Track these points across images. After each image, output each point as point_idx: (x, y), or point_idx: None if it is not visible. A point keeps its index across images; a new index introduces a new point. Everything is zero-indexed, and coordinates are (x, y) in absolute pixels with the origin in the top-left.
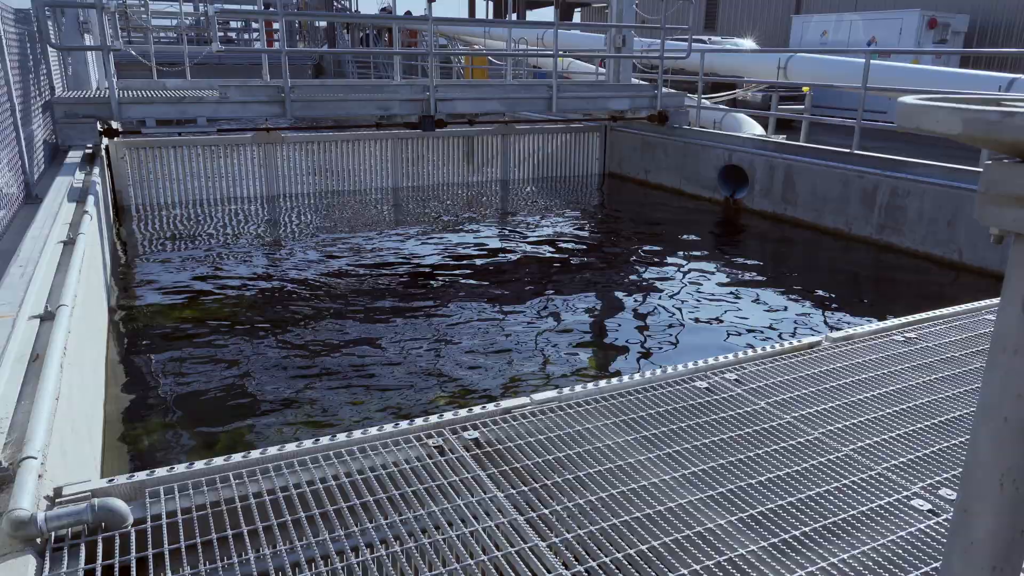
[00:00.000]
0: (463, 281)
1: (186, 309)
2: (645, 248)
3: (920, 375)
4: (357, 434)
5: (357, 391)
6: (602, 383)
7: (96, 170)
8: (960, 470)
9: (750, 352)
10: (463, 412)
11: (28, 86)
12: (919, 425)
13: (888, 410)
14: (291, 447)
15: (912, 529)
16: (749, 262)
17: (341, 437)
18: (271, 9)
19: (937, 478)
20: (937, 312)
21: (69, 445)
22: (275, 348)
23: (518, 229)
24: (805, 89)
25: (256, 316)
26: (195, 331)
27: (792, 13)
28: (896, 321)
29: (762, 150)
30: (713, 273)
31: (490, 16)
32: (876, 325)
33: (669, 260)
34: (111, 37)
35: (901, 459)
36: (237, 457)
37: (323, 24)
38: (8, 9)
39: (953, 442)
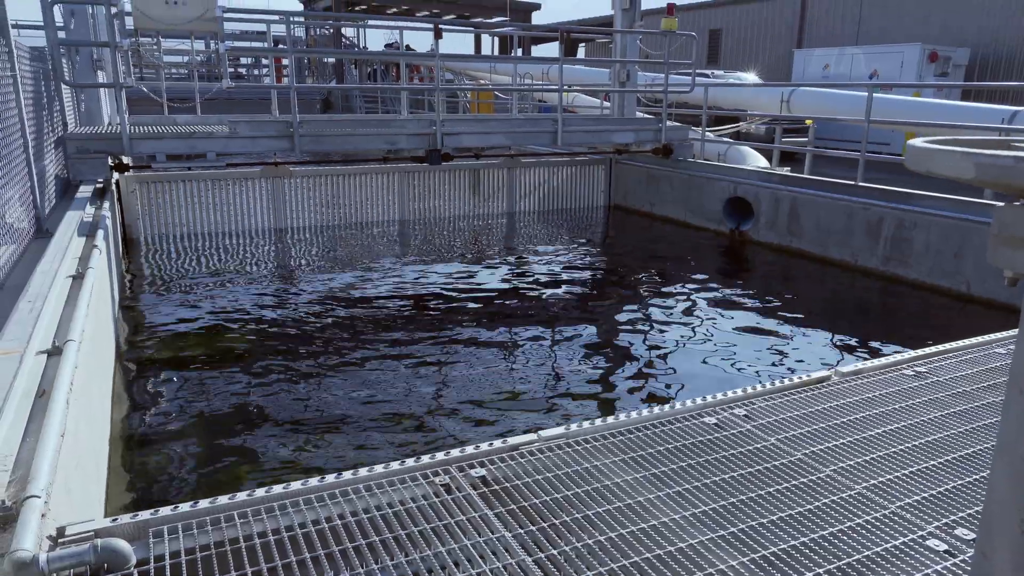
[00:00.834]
0: (469, 315)
1: (193, 342)
2: (651, 281)
3: (932, 410)
4: (363, 472)
5: (363, 427)
6: (610, 419)
7: (106, 204)
8: (977, 509)
9: (759, 387)
10: (470, 449)
11: (42, 122)
12: (932, 462)
13: (900, 446)
14: (296, 485)
15: (928, 571)
16: (755, 294)
17: (347, 475)
18: (281, 46)
19: (953, 517)
20: (947, 346)
21: (74, 482)
22: (282, 382)
23: (524, 262)
24: (808, 122)
25: (263, 350)
26: (202, 365)
27: (793, 47)
28: (906, 355)
29: (767, 182)
30: (720, 305)
31: (496, 52)
32: (886, 359)
33: (675, 292)
34: (124, 74)
35: (915, 497)
36: (242, 495)
37: (331, 60)
38: (24, 48)
39: (968, 479)
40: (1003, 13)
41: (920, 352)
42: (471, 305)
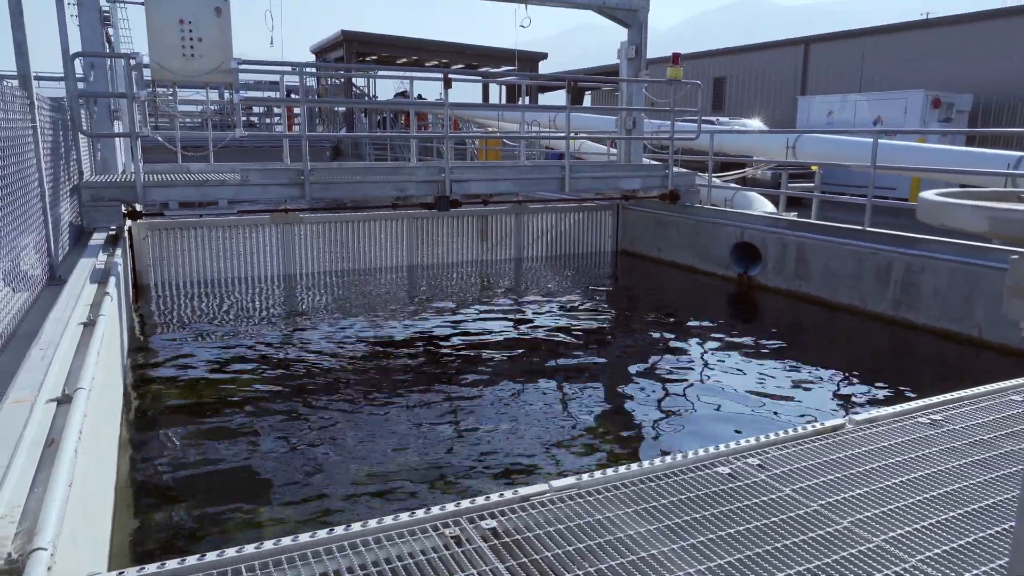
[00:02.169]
0: (478, 362)
1: (200, 389)
2: (660, 326)
3: (949, 459)
4: (372, 523)
5: (372, 475)
6: (622, 469)
7: (118, 251)
8: (1000, 563)
9: (772, 436)
10: (480, 500)
11: (58, 171)
12: (951, 513)
13: (918, 497)
14: (305, 537)
15: None
16: (765, 340)
17: (356, 527)
18: (294, 96)
19: (975, 571)
20: (962, 393)
21: (80, 532)
22: (289, 430)
23: (532, 308)
24: (814, 168)
25: (270, 398)
26: (208, 412)
27: (797, 94)
28: (920, 402)
29: (774, 227)
30: (730, 351)
31: (503, 100)
32: (900, 407)
33: (685, 338)
34: (140, 124)
35: (935, 551)
36: (250, 548)
37: (342, 108)
38: (44, 100)
39: (989, 532)
40: (1005, 59)
41: (935, 399)
42: (480, 352)
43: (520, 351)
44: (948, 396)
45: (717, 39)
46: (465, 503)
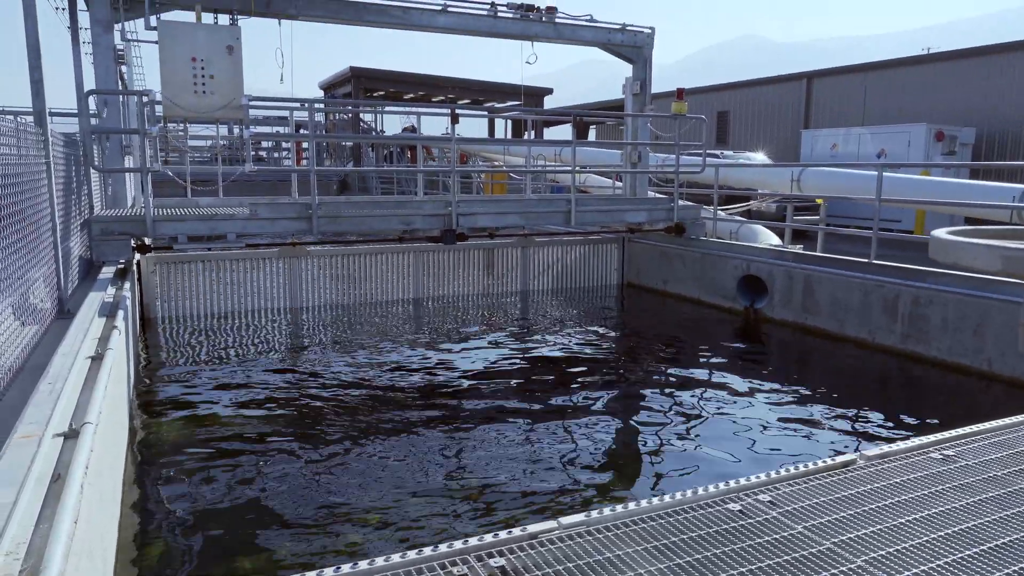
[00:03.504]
0: (484, 396)
1: (205, 424)
2: (667, 360)
3: (963, 496)
4: (380, 561)
5: (377, 512)
6: (631, 505)
7: (127, 285)
8: None
9: (782, 471)
10: (488, 537)
11: (70, 205)
12: (967, 552)
13: (933, 535)
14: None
15: None
16: (773, 373)
17: (363, 565)
18: (303, 131)
19: None
20: (975, 427)
21: (84, 569)
22: (293, 466)
23: (538, 341)
24: (819, 201)
25: (275, 433)
26: (213, 447)
27: (800, 127)
28: (933, 437)
29: (780, 260)
30: (738, 385)
31: (509, 134)
32: (912, 442)
33: (692, 372)
34: (150, 159)
35: None
36: None
37: (349, 143)
38: (58, 136)
39: (1006, 571)
40: (1007, 93)
41: (947, 434)
42: (486, 385)
43: (527, 385)
44: (960, 431)
45: (720, 74)
46: (473, 540)
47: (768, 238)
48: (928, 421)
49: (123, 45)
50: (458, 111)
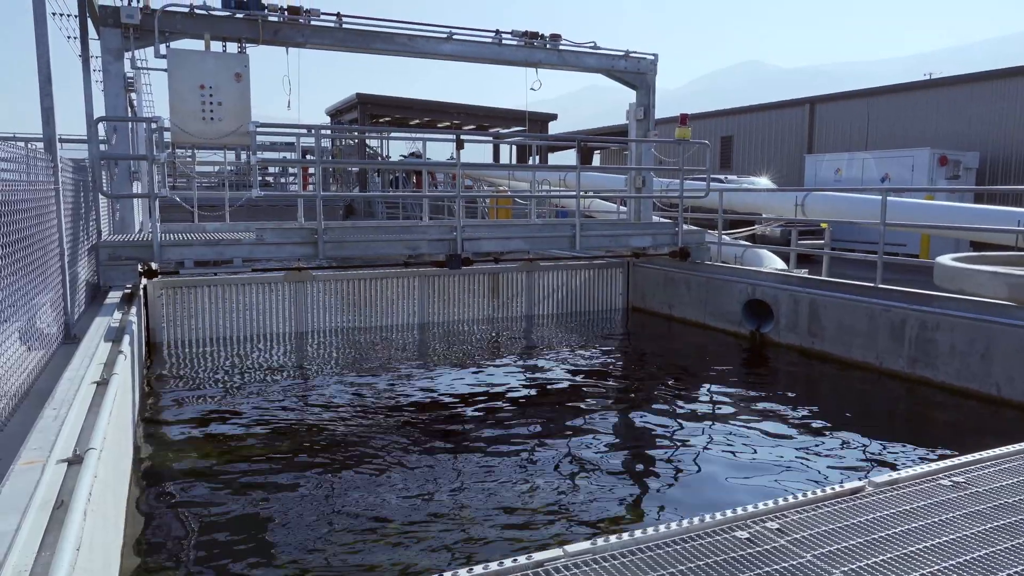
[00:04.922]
0: (489, 421)
1: (209, 450)
2: (673, 385)
3: (973, 524)
4: None
5: (382, 539)
6: (638, 533)
7: (133, 310)
8: None
9: (791, 499)
10: (493, 566)
11: (78, 231)
12: None
13: (943, 563)
14: None
15: None
16: (780, 398)
17: None
18: (309, 156)
19: None
20: (984, 454)
21: None
22: (299, 491)
23: (543, 366)
24: (824, 225)
25: (279, 458)
26: (217, 473)
27: (804, 152)
28: (942, 464)
29: (785, 284)
30: (744, 409)
31: (514, 160)
32: (921, 468)
33: (698, 397)
34: (158, 184)
35: None
36: None
37: (355, 168)
38: (67, 162)
39: None
40: (1010, 118)
41: (956, 461)
42: (491, 410)
43: (531, 410)
44: (970, 457)
45: (724, 99)
46: (477, 570)
47: (773, 262)
48: (936, 447)
49: (132, 73)
50: (463, 137)
